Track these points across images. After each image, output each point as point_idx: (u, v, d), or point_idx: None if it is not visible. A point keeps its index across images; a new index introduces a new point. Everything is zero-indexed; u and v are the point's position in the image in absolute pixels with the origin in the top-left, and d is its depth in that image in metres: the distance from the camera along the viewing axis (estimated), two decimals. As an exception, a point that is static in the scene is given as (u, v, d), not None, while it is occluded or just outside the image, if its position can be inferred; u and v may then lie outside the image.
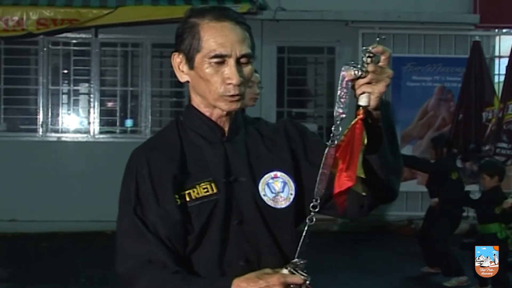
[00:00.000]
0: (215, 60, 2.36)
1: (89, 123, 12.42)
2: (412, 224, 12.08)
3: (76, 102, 12.65)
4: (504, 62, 11.10)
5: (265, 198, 2.43)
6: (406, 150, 11.92)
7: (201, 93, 2.43)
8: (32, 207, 11.69)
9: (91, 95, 12.40)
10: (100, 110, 12.42)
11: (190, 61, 2.41)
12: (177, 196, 2.35)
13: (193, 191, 2.36)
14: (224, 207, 2.37)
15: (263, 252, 2.41)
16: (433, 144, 9.53)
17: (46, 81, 12.31)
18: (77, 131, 12.52)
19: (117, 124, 12.53)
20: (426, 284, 9.12)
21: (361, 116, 2.20)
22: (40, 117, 12.30)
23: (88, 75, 12.43)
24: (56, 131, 12.42)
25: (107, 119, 12.56)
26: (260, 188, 2.44)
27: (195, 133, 2.47)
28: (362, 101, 2.22)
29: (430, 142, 10.07)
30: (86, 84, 12.53)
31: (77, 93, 12.68)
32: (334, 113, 2.21)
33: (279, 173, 2.46)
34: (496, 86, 11.14)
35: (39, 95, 12.31)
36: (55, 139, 12.32)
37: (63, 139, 12.36)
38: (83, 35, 12.35)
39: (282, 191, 2.46)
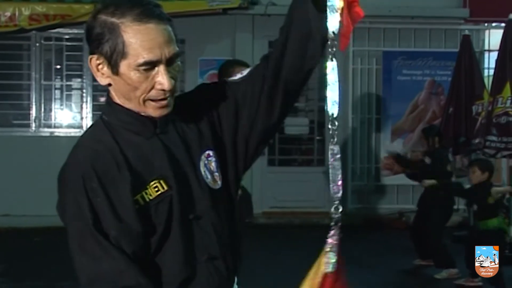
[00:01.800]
0: (144, 67, 2.19)
1: (81, 118, 12.46)
2: (403, 217, 12.15)
3: (68, 97, 12.67)
4: (494, 55, 11.16)
5: (207, 181, 2.34)
6: (397, 144, 12.01)
7: (126, 96, 2.27)
8: (25, 201, 11.71)
9: (84, 90, 12.43)
10: (93, 105, 12.45)
11: (113, 66, 2.22)
12: (134, 203, 2.20)
13: (145, 193, 2.22)
14: (179, 203, 2.26)
15: (223, 244, 2.34)
16: (425, 134, 9.62)
17: (38, 76, 12.35)
18: (70, 126, 12.55)
19: (110, 119, 12.54)
20: (418, 276, 9.17)
21: None
22: (33, 112, 12.33)
23: (81, 70, 12.46)
24: (49, 126, 12.45)
25: (100, 114, 12.54)
26: (202, 172, 2.34)
27: (128, 131, 2.29)
28: None
29: (421, 132, 10.15)
30: (79, 79, 12.56)
31: (69, 88, 12.69)
32: None
33: (210, 152, 2.37)
34: (486, 80, 11.19)
35: (32, 90, 12.35)
36: (48, 134, 12.35)
37: (56, 134, 12.39)
38: (75, 31, 12.34)
39: (216, 171, 2.37)
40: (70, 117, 12.67)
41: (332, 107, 2.19)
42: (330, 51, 2.20)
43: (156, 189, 2.23)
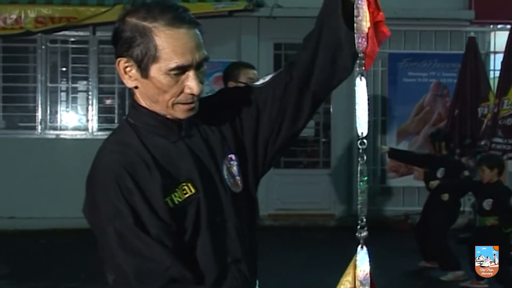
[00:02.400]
0: (175, 72, 2.21)
1: (87, 120, 12.48)
2: (409, 219, 12.13)
3: (74, 100, 12.69)
4: (499, 57, 11.15)
5: (230, 185, 2.37)
6: (403, 146, 12.00)
7: (153, 100, 2.29)
8: (31, 204, 11.74)
9: (90, 93, 12.45)
10: (99, 107, 12.48)
11: (143, 70, 2.24)
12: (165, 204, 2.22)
13: (174, 196, 2.24)
14: (206, 205, 2.28)
15: (245, 246, 2.37)
16: (431, 139, 9.59)
17: (44, 78, 12.37)
18: (75, 129, 12.57)
19: (116, 121, 12.55)
20: (423, 278, 9.16)
21: None
22: (39, 114, 12.35)
23: (86, 72, 12.48)
24: (55, 129, 12.46)
25: (106, 116, 12.60)
26: (225, 176, 2.37)
27: (154, 134, 2.31)
28: None
29: (428, 137, 10.12)
30: (84, 82, 12.58)
31: (75, 90, 12.71)
32: None
33: (233, 156, 2.40)
34: (491, 82, 11.18)
35: (38, 92, 12.37)
36: (53, 136, 12.37)
37: (61, 136, 12.41)
38: (81, 33, 12.39)
39: (238, 175, 2.41)
40: (75, 119, 12.68)
41: (362, 127, 2.17)
42: (358, 70, 2.19)
43: (184, 192, 2.25)
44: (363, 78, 2.17)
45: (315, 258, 9.85)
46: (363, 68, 2.19)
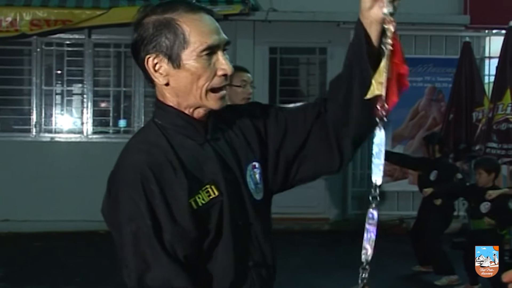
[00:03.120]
0: (207, 52, 2.25)
1: (82, 123, 12.47)
2: (403, 223, 12.15)
3: (69, 103, 12.68)
4: (494, 62, 11.18)
5: (252, 191, 2.39)
6: (397, 150, 12.00)
7: (186, 92, 2.29)
8: (25, 207, 11.72)
9: (85, 96, 12.45)
10: (93, 110, 12.48)
11: (175, 60, 2.26)
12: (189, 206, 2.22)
13: (198, 198, 2.24)
14: (229, 208, 2.28)
15: (264, 252, 2.40)
16: (425, 142, 9.60)
17: (39, 81, 12.36)
18: (70, 131, 12.56)
19: (110, 124, 12.57)
20: (418, 282, 9.17)
21: (394, 23, 2.28)
22: (34, 117, 12.34)
23: (82, 75, 12.47)
24: (50, 131, 12.45)
25: (100, 119, 12.60)
26: (248, 182, 2.38)
27: (181, 135, 2.32)
28: (391, 7, 2.30)
29: (422, 140, 10.13)
30: (80, 85, 12.57)
31: (70, 93, 12.71)
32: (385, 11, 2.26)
33: (256, 164, 2.42)
34: (486, 87, 11.20)
35: (33, 95, 12.36)
36: (48, 139, 12.36)
37: (56, 139, 12.40)
38: (76, 36, 12.39)
39: (259, 182, 2.42)
40: (70, 122, 12.67)
41: (377, 175, 2.20)
42: (378, 121, 2.22)
43: (208, 194, 2.26)
44: (382, 129, 2.21)
45: (309, 262, 9.85)
46: (382, 118, 2.22)
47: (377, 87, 2.22)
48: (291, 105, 2.55)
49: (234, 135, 2.42)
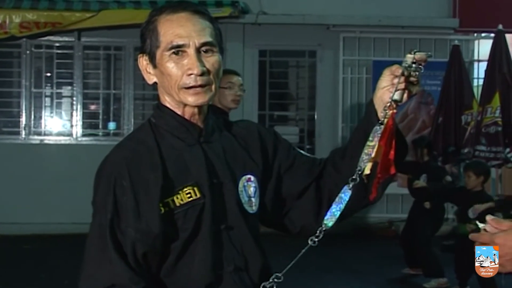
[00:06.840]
0: (173, 51, 2.29)
1: (72, 125, 12.45)
2: (392, 226, 12.17)
3: (59, 105, 12.67)
4: (483, 66, 11.22)
5: (243, 202, 2.39)
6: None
7: (167, 90, 2.35)
8: (14, 209, 11.68)
9: (74, 98, 12.43)
10: (83, 113, 12.46)
11: (152, 60, 2.35)
12: (161, 205, 2.25)
13: (177, 198, 2.27)
14: (211, 211, 2.30)
15: (248, 258, 2.38)
16: (414, 145, 9.62)
17: (29, 84, 12.33)
18: (60, 134, 12.54)
19: (100, 127, 12.55)
20: (407, 285, 9.17)
21: (394, 110, 2.31)
22: (23, 119, 12.31)
23: (71, 78, 12.46)
24: (39, 134, 12.43)
25: (90, 121, 12.58)
26: (239, 191, 2.39)
27: (171, 135, 2.36)
28: (398, 96, 2.33)
29: (411, 143, 10.15)
30: (69, 87, 12.56)
31: (60, 96, 12.69)
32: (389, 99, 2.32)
33: (252, 177, 2.43)
34: (475, 90, 11.25)
35: (22, 98, 12.33)
36: (38, 141, 12.33)
37: (46, 141, 12.37)
38: (66, 38, 12.37)
39: (253, 196, 2.42)
40: (60, 124, 12.65)
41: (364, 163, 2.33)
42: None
43: (189, 195, 2.29)
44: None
45: (301, 265, 9.85)
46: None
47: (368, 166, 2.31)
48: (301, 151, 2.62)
49: (237, 145, 2.46)
